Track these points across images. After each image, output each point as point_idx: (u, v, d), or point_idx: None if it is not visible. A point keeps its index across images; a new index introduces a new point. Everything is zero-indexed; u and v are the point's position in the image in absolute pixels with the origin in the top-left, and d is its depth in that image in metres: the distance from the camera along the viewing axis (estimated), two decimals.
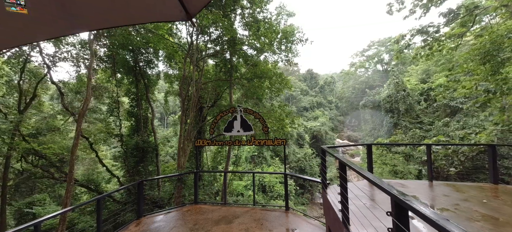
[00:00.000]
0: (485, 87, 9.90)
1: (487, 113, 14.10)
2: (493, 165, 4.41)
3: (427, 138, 16.59)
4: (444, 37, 14.21)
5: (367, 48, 53.26)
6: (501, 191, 4.05)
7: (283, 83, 11.83)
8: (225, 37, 10.83)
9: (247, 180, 26.77)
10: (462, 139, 12.18)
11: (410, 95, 25.14)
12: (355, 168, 2.49)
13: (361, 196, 3.87)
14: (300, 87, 55.84)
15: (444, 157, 13.10)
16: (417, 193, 4.08)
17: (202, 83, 11.96)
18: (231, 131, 5.47)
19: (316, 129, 39.37)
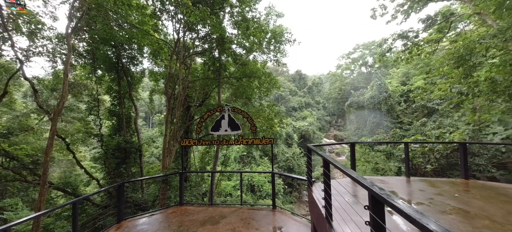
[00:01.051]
0: (458, 89, 10.65)
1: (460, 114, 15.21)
2: (464, 162, 4.76)
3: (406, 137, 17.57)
4: (422, 42, 15.09)
5: (353, 51, 55.21)
6: (471, 185, 4.37)
7: (272, 83, 11.90)
8: (214, 35, 10.67)
9: (235, 180, 26.66)
10: (437, 138, 13.01)
11: (392, 96, 26.45)
12: (338, 166, 2.55)
13: (344, 192, 3.98)
14: (289, 87, 56.73)
15: (421, 155, 13.90)
16: (396, 189, 4.29)
17: (189, 82, 11.68)
18: (218, 130, 5.39)
19: (304, 129, 40.16)
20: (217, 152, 12.04)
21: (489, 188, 4.18)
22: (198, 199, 12.04)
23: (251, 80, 10.97)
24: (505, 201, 3.48)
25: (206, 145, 5.74)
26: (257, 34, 9.93)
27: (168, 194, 10.17)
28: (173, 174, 6.16)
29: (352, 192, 4.18)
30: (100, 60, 12.75)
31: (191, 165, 14.92)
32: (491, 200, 3.56)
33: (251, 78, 10.83)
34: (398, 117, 25.38)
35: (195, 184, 14.59)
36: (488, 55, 8.78)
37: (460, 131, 11.87)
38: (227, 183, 25.98)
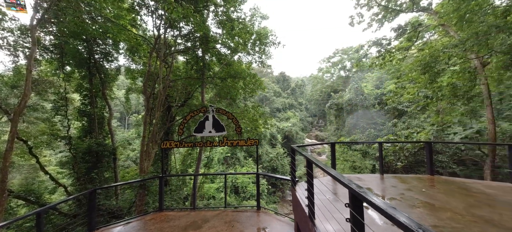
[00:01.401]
0: (424, 93, 11.76)
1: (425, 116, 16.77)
2: (430, 160, 5.24)
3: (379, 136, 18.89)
4: (394, 49, 16.34)
5: (332, 55, 57.79)
6: (436, 181, 4.82)
7: (257, 84, 11.94)
8: (197, 33, 10.39)
9: (219, 182, 26.21)
10: (406, 138, 14.18)
11: (367, 99, 28.23)
12: (320, 165, 2.63)
13: (326, 191, 4.13)
14: (273, 88, 57.62)
15: (393, 153, 15.06)
16: (371, 185, 4.56)
17: (170, 81, 11.22)
18: (202, 131, 5.23)
19: (287, 129, 41.01)
20: (200, 154, 11.71)
21: (451, 183, 4.65)
22: (179, 204, 11.58)
23: (236, 80, 10.87)
24: (465, 195, 3.90)
25: (189, 147, 5.53)
26: (242, 35, 9.89)
27: (146, 199, 9.61)
28: (152, 178, 5.80)
29: (332, 190, 4.35)
30: (69, 55, 11.65)
31: (172, 168, 14.32)
32: (453, 194, 3.96)
33: (236, 79, 10.74)
34: (372, 118, 27.20)
35: (176, 188, 14.03)
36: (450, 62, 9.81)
37: (425, 131, 13.10)
38: (210, 185, 25.44)
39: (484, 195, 3.83)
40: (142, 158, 7.98)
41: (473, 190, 4.07)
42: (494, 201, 3.56)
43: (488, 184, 4.48)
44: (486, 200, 3.61)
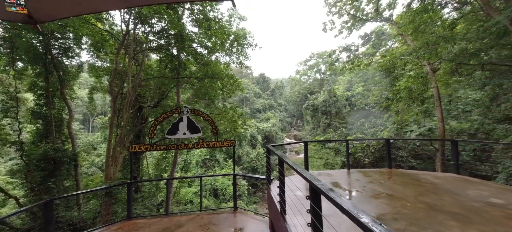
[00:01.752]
0: (386, 95, 13.05)
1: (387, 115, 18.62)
2: (388, 155, 5.85)
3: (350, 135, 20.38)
4: (361, 55, 17.81)
5: (309, 59, 60.43)
6: (393, 174, 5.40)
7: (235, 85, 11.89)
8: (171, 30, 9.97)
9: (197, 186, 25.42)
10: (372, 136, 15.54)
11: (339, 100, 30.19)
12: (289, 162, 2.77)
13: (301, 187, 4.34)
14: (253, 89, 58.01)
15: (361, 150, 16.40)
16: (338, 180, 4.93)
17: (141, 80, 10.54)
18: (176, 133, 5.05)
19: (267, 130, 41.61)
20: (176, 157, 11.20)
21: (406, 175, 5.26)
22: (152, 211, 10.93)
23: (214, 81, 10.69)
24: (416, 185, 4.45)
25: (161, 150, 5.24)
26: (219, 35, 9.78)
27: (114, 208, 8.87)
28: (119, 185, 5.35)
29: (305, 186, 4.58)
30: (22, 49, 10.21)
31: (144, 174, 13.46)
32: (406, 185, 4.50)
33: (214, 79, 10.56)
34: (344, 118, 29.20)
35: (149, 195, 13.25)
36: (406, 68, 11.08)
37: (388, 129, 14.57)
38: (188, 190, 24.53)
39: (431, 185, 4.42)
40: (108, 164, 7.33)
41: (422, 181, 4.66)
42: (439, 190, 4.14)
43: (435, 175, 5.18)
44: (433, 189, 4.17)
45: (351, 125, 25.98)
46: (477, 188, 4.10)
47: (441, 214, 3.12)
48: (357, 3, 16.43)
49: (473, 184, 4.36)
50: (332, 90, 31.66)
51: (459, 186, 4.28)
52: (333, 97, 30.99)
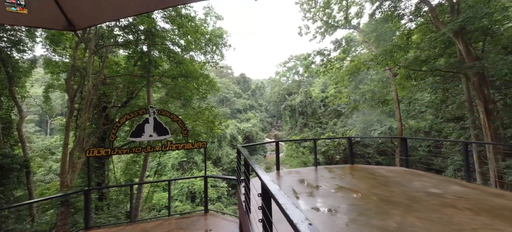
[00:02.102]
0: (353, 97, 14.11)
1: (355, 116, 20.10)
2: (351, 152, 6.35)
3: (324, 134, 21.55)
4: (333, 60, 18.92)
5: (288, 61, 62.06)
6: (354, 169, 5.87)
7: (211, 85, 11.67)
8: (141, 25, 9.42)
9: (173, 190, 24.33)
10: (342, 134, 16.60)
11: (314, 101, 31.63)
12: (250, 162, 2.85)
13: None
14: (234, 89, 57.57)
15: (334, 148, 17.45)
16: (306, 176, 5.20)
17: (105, 77, 9.75)
18: (141, 136, 4.79)
19: (248, 130, 41.66)
20: (146, 161, 10.55)
21: (365, 170, 5.75)
22: (119, 219, 10.17)
23: (188, 80, 10.34)
24: (371, 178, 4.90)
25: (123, 154, 4.87)
26: (191, 33, 9.52)
27: (74, 218, 8.05)
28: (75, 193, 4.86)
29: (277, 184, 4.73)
30: None
31: (110, 179, 12.48)
32: (363, 179, 4.93)
33: (188, 78, 10.21)
34: (319, 118, 30.67)
35: (117, 202, 12.32)
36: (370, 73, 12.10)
37: (356, 128, 15.75)
38: (163, 194, 23.35)
39: (384, 178, 4.91)
40: (64, 170, 6.61)
41: (377, 175, 5.15)
42: (389, 182, 4.62)
43: (389, 169, 5.76)
44: (384, 182, 4.64)
45: (325, 124, 27.47)
46: (421, 180, 4.68)
47: (388, 204, 3.50)
48: (329, 11, 17.42)
49: (418, 176, 4.96)
50: (308, 91, 33.04)
51: (407, 178, 4.83)
52: (309, 98, 32.34)
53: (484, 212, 3.11)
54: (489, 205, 3.36)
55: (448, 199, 3.61)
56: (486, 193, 3.86)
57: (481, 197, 3.68)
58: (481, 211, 3.14)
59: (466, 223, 2.83)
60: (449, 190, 3.99)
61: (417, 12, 10.41)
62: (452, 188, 4.13)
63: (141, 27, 9.21)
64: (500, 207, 3.27)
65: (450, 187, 4.19)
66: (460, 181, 4.67)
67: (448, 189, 4.07)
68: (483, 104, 7.95)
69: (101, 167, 11.90)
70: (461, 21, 7.59)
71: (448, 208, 3.26)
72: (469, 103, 9.33)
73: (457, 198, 3.62)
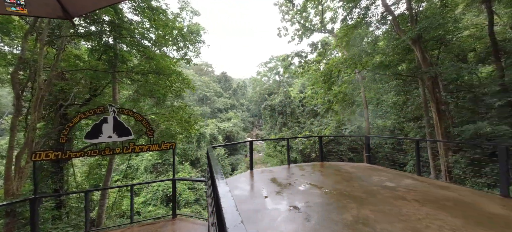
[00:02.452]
0: (328, 98, 14.81)
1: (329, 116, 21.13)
2: (321, 150, 6.61)
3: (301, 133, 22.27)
4: (310, 62, 19.61)
5: (269, 61, 62.72)
6: (324, 166, 6.12)
7: (185, 83, 11.19)
8: (105, 15, 8.65)
9: (146, 195, 22.98)
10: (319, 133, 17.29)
11: (293, 101, 32.51)
12: (212, 164, 2.77)
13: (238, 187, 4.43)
14: (214, 88, 56.42)
15: (310, 146, 18.11)
16: (277, 175, 5.27)
17: (62, 71, 8.75)
18: (98, 137, 4.37)
19: (229, 130, 41.20)
20: (111, 164, 9.72)
21: (332, 167, 6.03)
22: (80, 229, 9.26)
23: (160, 77, 9.75)
24: (336, 175, 5.15)
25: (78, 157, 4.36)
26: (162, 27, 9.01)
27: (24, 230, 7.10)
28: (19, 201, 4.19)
29: (249, 184, 4.70)
30: None
31: (70, 185, 11.32)
32: (329, 175, 5.16)
33: (160, 75, 9.62)
34: (297, 118, 31.59)
35: (78, 210, 11.23)
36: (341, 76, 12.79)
37: (330, 127, 16.56)
38: (136, 199, 21.92)
39: (347, 174, 5.19)
40: (9, 176, 5.74)
41: (342, 171, 5.44)
42: (352, 178, 4.90)
43: (353, 165, 6.12)
44: (347, 177, 4.91)
45: (303, 124, 28.41)
46: (379, 175, 5.04)
47: (348, 198, 3.70)
48: (306, 14, 18.02)
49: (378, 172, 5.34)
50: (287, 92, 33.85)
51: (367, 173, 5.17)
52: (288, 98, 33.12)
53: (429, 203, 3.44)
54: (434, 196, 3.74)
55: (400, 192, 3.93)
56: (433, 186, 4.29)
57: (428, 189, 4.07)
58: (426, 202, 3.48)
59: (412, 213, 3.10)
60: (402, 184, 4.36)
61: (383, 21, 11.29)
62: (404, 181, 4.52)
63: (106, 18, 8.46)
64: (444, 198, 3.65)
65: (403, 180, 4.58)
66: (412, 175, 5.14)
67: (401, 182, 4.45)
68: (436, 105, 8.91)
69: (59, 172, 10.70)
70: (418, 30, 8.40)
71: (398, 200, 3.56)
72: (425, 104, 10.40)
73: (407, 191, 3.97)
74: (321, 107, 20.33)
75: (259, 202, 3.67)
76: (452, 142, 8.92)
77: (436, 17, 8.55)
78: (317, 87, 18.84)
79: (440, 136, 8.74)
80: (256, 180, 5.02)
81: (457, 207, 3.25)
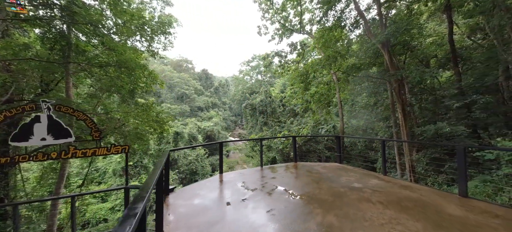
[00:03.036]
0: (305, 98, 14.97)
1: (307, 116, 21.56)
2: (294, 150, 6.47)
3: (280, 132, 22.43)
4: (290, 62, 19.71)
5: (251, 60, 62.40)
6: (297, 167, 5.97)
7: (151, 78, 10.23)
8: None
9: (115, 200, 21.18)
10: (297, 132, 17.46)
11: (274, 101, 32.68)
12: (156, 170, 2.37)
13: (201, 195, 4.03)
14: (194, 86, 54.43)
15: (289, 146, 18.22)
16: (247, 178, 4.96)
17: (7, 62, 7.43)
18: (28, 139, 3.61)
19: (209, 129, 40.05)
20: (64, 170, 8.45)
21: (305, 167, 5.90)
22: None
23: (122, 71, 8.71)
24: (307, 176, 5.00)
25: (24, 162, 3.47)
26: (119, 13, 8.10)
27: None
28: None
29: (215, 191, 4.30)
30: None
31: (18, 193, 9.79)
32: (300, 176, 4.99)
33: (122, 69, 8.60)
34: (278, 117, 31.85)
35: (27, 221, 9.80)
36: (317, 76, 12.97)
37: (308, 127, 16.83)
38: (101, 206, 20.06)
39: (318, 174, 5.08)
40: None
41: (313, 172, 5.31)
42: (321, 178, 4.78)
43: (324, 165, 6.07)
44: (317, 178, 4.78)
45: (283, 123, 28.68)
46: (348, 175, 5.01)
47: (314, 202, 3.51)
48: (286, 14, 18.03)
49: (347, 172, 5.32)
50: (268, 91, 33.93)
51: (337, 174, 5.11)
52: (269, 97, 33.21)
53: (393, 205, 3.39)
54: (397, 197, 3.72)
55: (366, 193, 3.87)
56: (397, 186, 4.32)
57: (392, 190, 4.08)
58: (390, 204, 3.42)
59: (376, 218, 3.00)
60: (369, 184, 4.34)
61: (356, 24, 11.65)
62: (371, 182, 4.51)
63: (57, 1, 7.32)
64: (406, 199, 3.64)
65: (370, 181, 4.57)
66: (379, 175, 5.20)
67: (368, 183, 4.43)
68: (402, 106, 9.41)
69: (4, 178, 9.17)
70: (386, 34, 8.75)
71: (363, 203, 3.46)
72: (392, 105, 10.97)
73: (373, 192, 3.93)
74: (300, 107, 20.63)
75: (219, 213, 3.30)
76: (415, 141, 9.49)
77: (403, 22, 9.00)
78: (295, 87, 19.04)
79: (405, 135, 9.23)
80: (224, 185, 4.65)
81: (418, 209, 3.23)
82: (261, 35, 19.69)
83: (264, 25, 17.78)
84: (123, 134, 11.32)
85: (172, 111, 44.90)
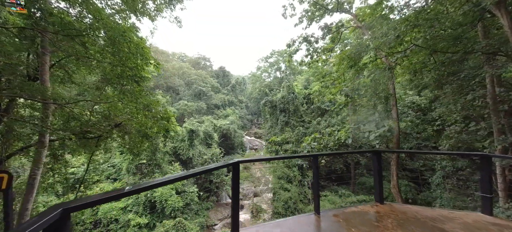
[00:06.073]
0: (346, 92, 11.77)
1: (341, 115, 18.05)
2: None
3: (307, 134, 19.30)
4: (320, 50, 16.49)
5: (270, 56, 59.44)
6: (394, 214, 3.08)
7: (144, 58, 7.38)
8: None
9: (127, 200, 20.12)
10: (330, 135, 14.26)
11: (297, 97, 29.41)
12: None
13: None
14: (212, 83, 53.76)
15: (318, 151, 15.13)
16: None
17: None
18: None
19: (225, 128, 38.52)
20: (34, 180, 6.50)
21: (401, 212, 2.98)
22: None
23: (107, 45, 6.33)
24: None
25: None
26: None
27: None
28: None
29: None
30: None
31: None
32: None
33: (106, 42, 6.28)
34: (301, 116, 28.49)
35: None
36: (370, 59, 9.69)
37: (345, 129, 13.56)
38: (112, 205, 19.08)
39: None
40: None
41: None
42: None
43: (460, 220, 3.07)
44: None
45: (308, 123, 25.37)
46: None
47: None
48: None
49: None
50: (291, 86, 30.68)
51: None
52: (291, 93, 29.98)
53: None
54: None
55: None
56: None
57: None
58: None
59: None
60: None
61: None
62: None
63: None
64: None
65: None
66: None
67: None
68: None
69: None
70: None
71: None
72: (493, 101, 7.36)
73: None
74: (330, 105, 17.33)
75: None
76: None
77: None
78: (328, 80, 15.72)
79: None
80: None
81: None
82: (286, 17, 16.63)
83: (290, 4, 14.51)
84: (126, 132, 9.37)
85: (189, 108, 43.98)
